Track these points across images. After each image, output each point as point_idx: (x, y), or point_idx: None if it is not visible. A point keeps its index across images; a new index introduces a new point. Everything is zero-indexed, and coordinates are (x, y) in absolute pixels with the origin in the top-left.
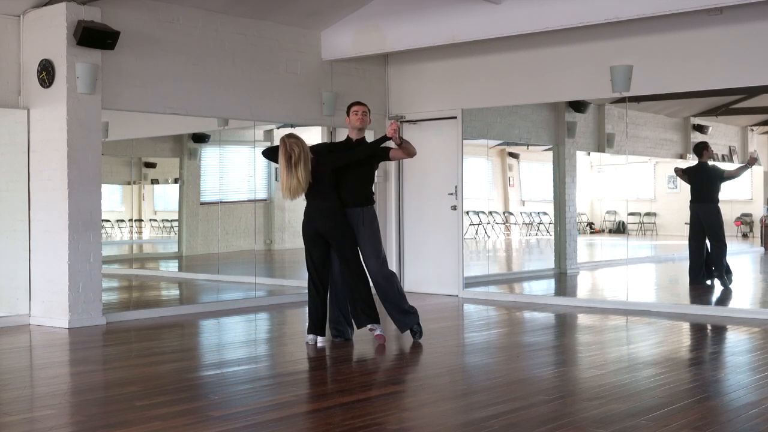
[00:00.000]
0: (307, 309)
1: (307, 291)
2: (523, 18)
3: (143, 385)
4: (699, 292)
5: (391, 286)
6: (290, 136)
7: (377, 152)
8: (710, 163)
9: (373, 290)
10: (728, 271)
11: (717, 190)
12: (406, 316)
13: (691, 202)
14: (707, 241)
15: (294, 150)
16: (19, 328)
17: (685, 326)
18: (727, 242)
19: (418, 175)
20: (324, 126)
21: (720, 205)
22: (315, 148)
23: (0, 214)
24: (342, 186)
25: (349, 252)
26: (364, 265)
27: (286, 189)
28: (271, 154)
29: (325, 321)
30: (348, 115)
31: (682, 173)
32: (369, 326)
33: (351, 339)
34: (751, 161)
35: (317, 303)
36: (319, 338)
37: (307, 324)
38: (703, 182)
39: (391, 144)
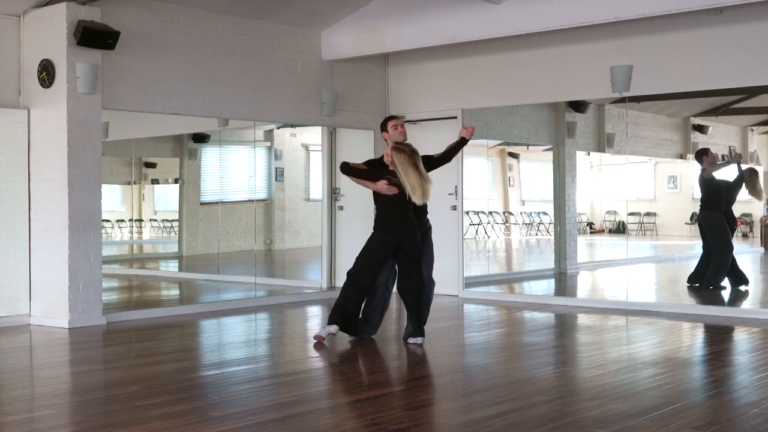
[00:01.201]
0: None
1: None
2: (523, 18)
3: (143, 385)
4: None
5: (430, 293)
6: (400, 142)
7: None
8: (714, 174)
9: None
10: (742, 278)
11: (713, 196)
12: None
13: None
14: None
15: (414, 152)
16: (19, 328)
17: (685, 326)
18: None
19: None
20: (324, 126)
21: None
22: (368, 163)
23: (0, 214)
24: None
25: (419, 263)
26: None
27: (422, 192)
28: (357, 171)
29: (352, 320)
30: (385, 130)
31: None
32: (413, 340)
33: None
34: (736, 158)
35: (356, 301)
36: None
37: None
38: (703, 190)
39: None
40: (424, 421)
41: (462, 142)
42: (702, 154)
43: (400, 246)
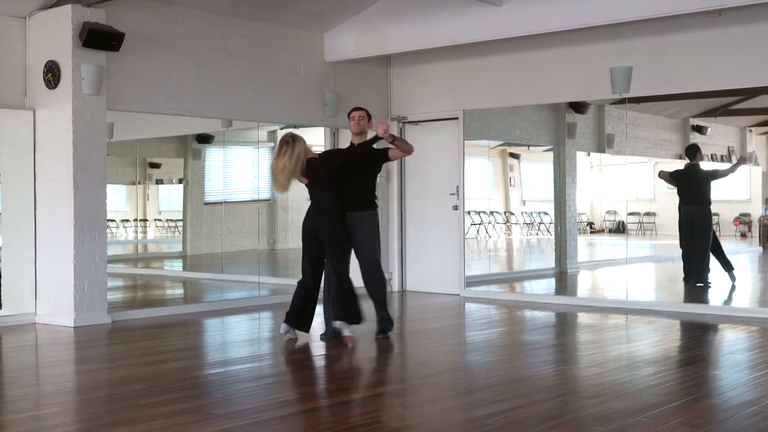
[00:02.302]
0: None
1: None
2: (524, 20)
3: (148, 383)
4: (699, 292)
5: (377, 290)
6: (289, 133)
7: (376, 153)
8: (701, 164)
9: (363, 291)
10: (730, 266)
11: (708, 191)
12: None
13: (682, 204)
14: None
15: (286, 141)
16: (25, 326)
17: (684, 325)
18: (711, 243)
19: (420, 175)
20: (327, 126)
21: (713, 206)
22: (322, 153)
23: (6, 214)
24: (345, 190)
25: (337, 255)
26: (356, 265)
27: (273, 177)
28: None
29: (302, 315)
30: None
31: (669, 176)
32: (337, 324)
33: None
34: (740, 160)
35: (300, 295)
36: (292, 330)
37: (316, 323)
38: (696, 184)
39: (385, 143)
40: (426, 418)
41: (374, 139)
42: (696, 150)
43: (316, 235)
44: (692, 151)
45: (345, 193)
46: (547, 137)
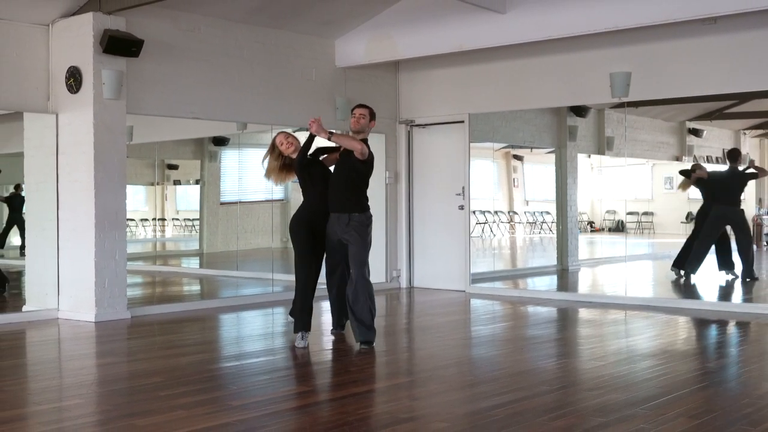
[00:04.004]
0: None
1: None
2: (527, 27)
3: (166, 376)
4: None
5: (357, 293)
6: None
7: (307, 162)
8: (740, 168)
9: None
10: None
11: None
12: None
13: (717, 204)
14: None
15: (275, 140)
16: (48, 321)
17: (681, 320)
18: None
19: (427, 176)
20: (337, 130)
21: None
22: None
23: (30, 214)
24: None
25: (297, 255)
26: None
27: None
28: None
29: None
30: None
31: (706, 175)
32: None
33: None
34: (751, 163)
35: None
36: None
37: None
38: (737, 187)
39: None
40: (433, 409)
41: (309, 139)
42: (738, 154)
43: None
44: (734, 155)
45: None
46: (550, 140)
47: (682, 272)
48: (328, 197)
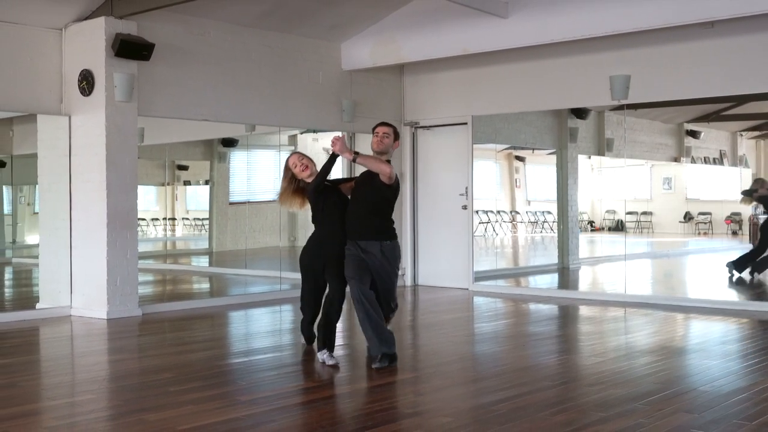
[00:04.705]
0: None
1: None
2: (529, 31)
3: (176, 371)
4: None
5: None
6: (295, 152)
7: (324, 190)
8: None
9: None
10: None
11: None
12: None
13: None
14: None
15: (288, 162)
16: (61, 318)
17: (679, 317)
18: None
19: (432, 176)
20: (343, 132)
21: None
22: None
23: (44, 214)
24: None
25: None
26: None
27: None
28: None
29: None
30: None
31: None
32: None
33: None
34: None
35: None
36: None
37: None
38: None
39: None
40: (438, 404)
41: (331, 159)
42: None
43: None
44: None
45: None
46: (551, 141)
47: (737, 273)
48: (348, 225)
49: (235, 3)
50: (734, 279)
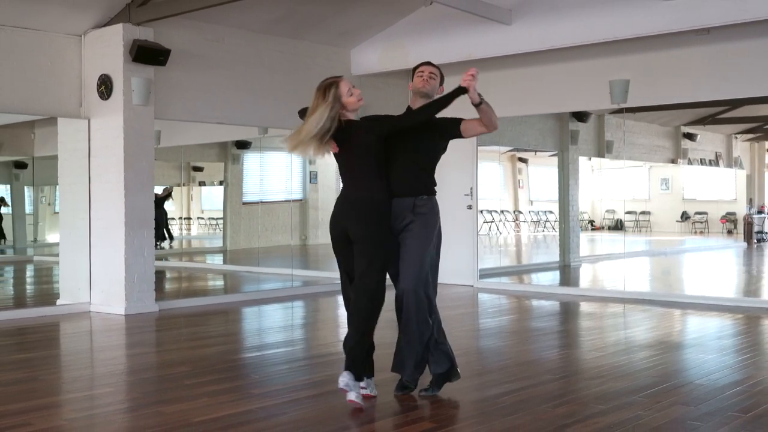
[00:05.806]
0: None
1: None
2: (532, 38)
3: (192, 365)
4: None
5: (417, 312)
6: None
7: (441, 120)
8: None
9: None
10: None
11: None
12: (416, 368)
13: None
14: None
15: (338, 90)
16: (80, 314)
17: (677, 313)
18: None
19: (437, 176)
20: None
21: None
22: (364, 118)
23: (64, 213)
24: (390, 170)
25: (372, 262)
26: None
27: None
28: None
29: (366, 355)
30: (412, 79)
31: None
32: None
33: None
34: None
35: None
36: (357, 382)
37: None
38: None
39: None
40: (443, 397)
41: (456, 92)
42: None
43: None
44: None
45: (390, 176)
46: (552, 143)
47: None
48: (396, 179)
49: (248, 10)
50: None
